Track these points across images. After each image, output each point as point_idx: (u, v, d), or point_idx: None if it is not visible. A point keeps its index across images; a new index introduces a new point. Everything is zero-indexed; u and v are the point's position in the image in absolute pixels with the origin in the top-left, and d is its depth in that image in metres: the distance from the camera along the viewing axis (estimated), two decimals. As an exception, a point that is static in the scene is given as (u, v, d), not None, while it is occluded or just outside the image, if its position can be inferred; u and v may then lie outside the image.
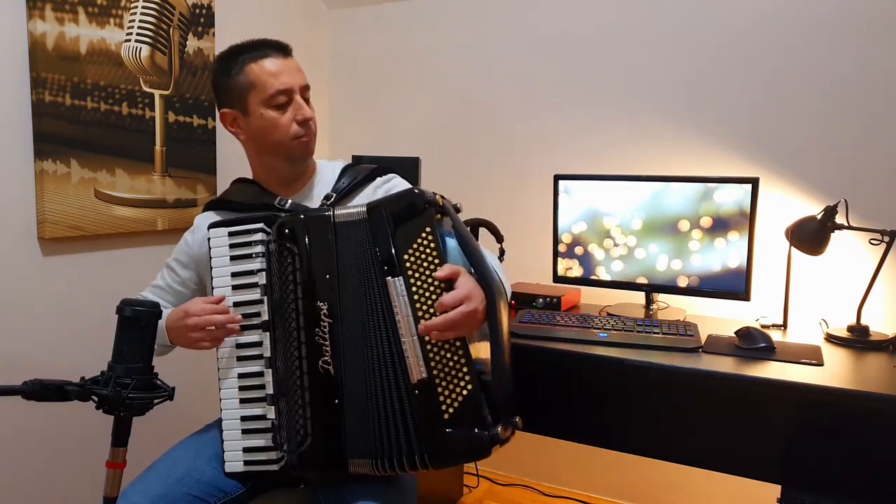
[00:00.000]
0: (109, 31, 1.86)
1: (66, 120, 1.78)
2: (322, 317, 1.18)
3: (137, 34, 1.94)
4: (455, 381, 1.13)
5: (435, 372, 1.13)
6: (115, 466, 1.09)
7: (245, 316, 1.24)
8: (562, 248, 2.02)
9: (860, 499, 1.31)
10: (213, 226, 1.29)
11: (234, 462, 1.24)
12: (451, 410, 1.13)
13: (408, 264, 1.15)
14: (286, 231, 1.21)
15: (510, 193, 2.40)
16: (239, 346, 1.25)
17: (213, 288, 1.28)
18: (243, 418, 1.24)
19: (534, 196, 2.33)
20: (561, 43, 2.27)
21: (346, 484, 1.22)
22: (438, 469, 1.18)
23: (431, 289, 1.15)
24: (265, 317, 1.23)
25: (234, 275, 1.26)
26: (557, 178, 2.00)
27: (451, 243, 1.21)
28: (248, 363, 1.25)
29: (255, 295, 1.24)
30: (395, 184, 1.45)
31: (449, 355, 1.13)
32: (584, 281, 2.00)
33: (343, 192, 1.38)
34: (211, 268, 1.28)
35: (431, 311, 1.14)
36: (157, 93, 2.01)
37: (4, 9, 1.65)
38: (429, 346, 1.13)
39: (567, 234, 2.00)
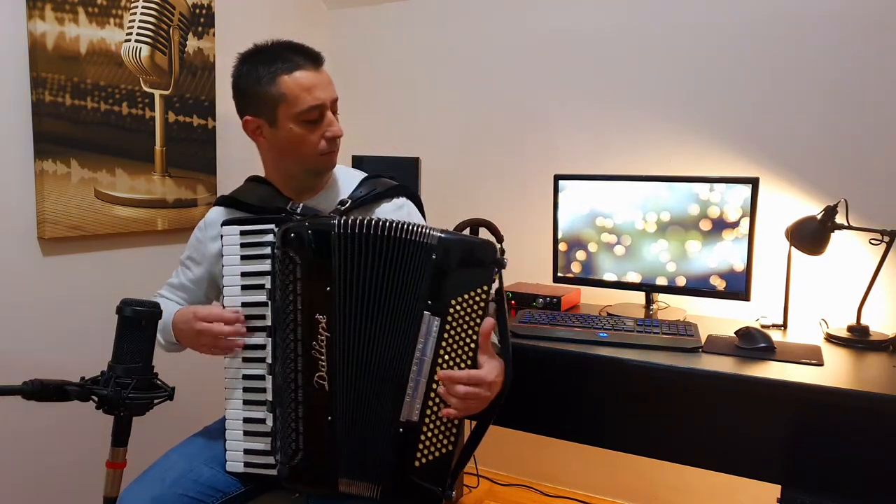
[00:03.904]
0: (109, 31, 1.86)
1: (66, 120, 1.77)
2: (320, 330, 1.16)
3: (137, 34, 1.94)
4: (440, 437, 1.15)
5: (426, 421, 1.14)
6: (115, 466, 1.09)
7: (252, 317, 1.23)
8: (562, 247, 2.02)
9: (860, 499, 1.31)
10: (226, 223, 1.28)
11: (235, 462, 1.25)
12: (423, 461, 1.15)
13: (451, 310, 1.13)
14: (290, 237, 1.17)
15: (510, 193, 2.40)
16: (246, 347, 1.24)
17: (223, 286, 1.27)
18: (245, 420, 1.24)
19: (534, 196, 2.33)
20: (561, 43, 2.27)
21: (339, 499, 1.22)
22: None
23: (461, 345, 1.13)
24: (268, 322, 1.22)
25: (243, 275, 1.25)
26: (557, 178, 2.00)
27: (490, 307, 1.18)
28: (253, 365, 1.24)
29: (261, 297, 1.23)
30: (410, 211, 1.42)
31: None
32: (584, 281, 2.00)
33: (360, 201, 1.35)
34: (222, 265, 1.27)
35: (451, 364, 1.13)
36: (157, 93, 2.01)
37: (4, 9, 1.65)
38: (433, 395, 1.14)
39: (567, 234, 2.01)
